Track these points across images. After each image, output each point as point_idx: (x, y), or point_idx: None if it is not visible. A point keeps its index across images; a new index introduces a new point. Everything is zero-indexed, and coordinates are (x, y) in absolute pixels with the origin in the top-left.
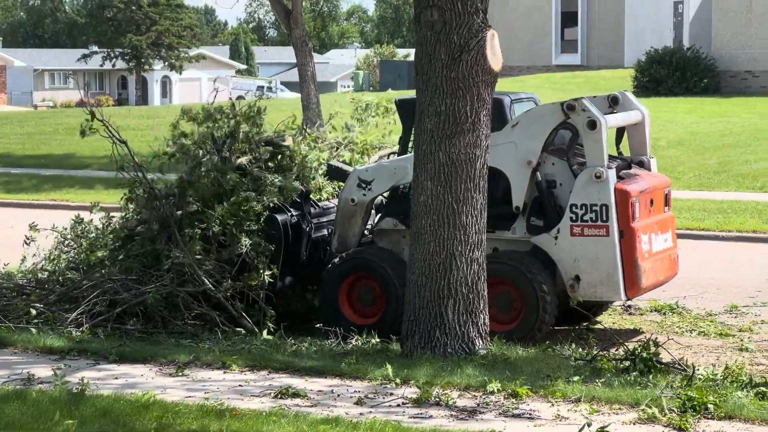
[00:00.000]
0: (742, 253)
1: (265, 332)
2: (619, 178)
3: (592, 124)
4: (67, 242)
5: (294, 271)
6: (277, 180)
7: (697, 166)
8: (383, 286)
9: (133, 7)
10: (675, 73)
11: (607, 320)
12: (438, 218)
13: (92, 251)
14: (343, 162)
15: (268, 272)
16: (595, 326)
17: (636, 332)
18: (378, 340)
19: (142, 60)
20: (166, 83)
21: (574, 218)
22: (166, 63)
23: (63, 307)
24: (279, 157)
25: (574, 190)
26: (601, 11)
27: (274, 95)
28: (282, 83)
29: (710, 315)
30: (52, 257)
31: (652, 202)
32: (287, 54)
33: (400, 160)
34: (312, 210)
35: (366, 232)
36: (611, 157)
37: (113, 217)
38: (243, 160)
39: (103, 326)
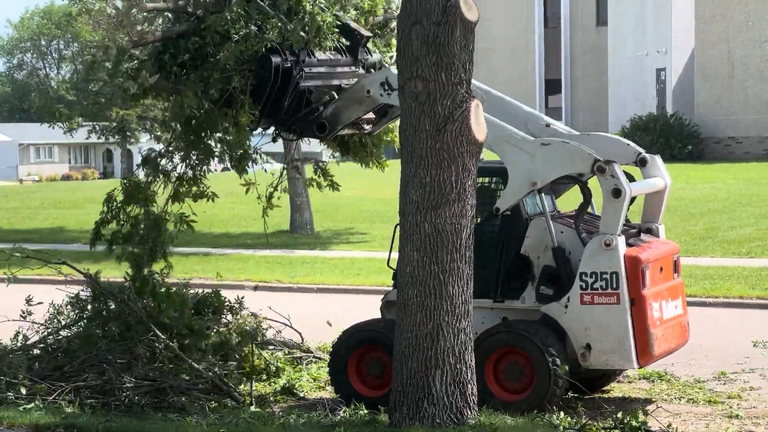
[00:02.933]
0: (729, 319)
1: (252, 405)
2: (629, 245)
3: (617, 193)
4: (61, 317)
5: (275, 115)
6: (279, 22)
7: (683, 232)
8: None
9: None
10: (659, 139)
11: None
12: (424, 289)
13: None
14: None
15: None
16: (599, 395)
17: (625, 400)
18: (366, 411)
19: (128, 133)
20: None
21: (584, 286)
22: (152, 136)
23: (52, 382)
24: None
25: (584, 258)
26: (584, 78)
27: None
28: (266, 154)
29: (699, 382)
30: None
31: (661, 269)
32: None
33: None
34: (309, 59)
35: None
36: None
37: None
38: None
39: (94, 399)
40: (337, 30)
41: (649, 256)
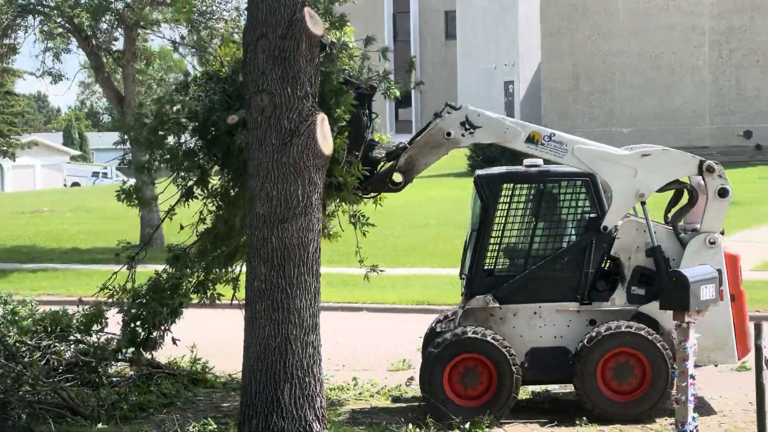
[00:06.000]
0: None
1: (101, 422)
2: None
3: (725, 192)
4: None
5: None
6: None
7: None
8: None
9: None
10: (506, 151)
11: None
12: (272, 303)
13: None
14: None
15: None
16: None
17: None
18: (215, 426)
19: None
20: None
21: None
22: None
23: None
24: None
25: (686, 257)
26: (432, 89)
27: (110, 181)
28: (117, 168)
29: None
30: None
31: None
32: None
33: (513, 122)
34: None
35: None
36: (669, 223)
37: None
38: None
39: None
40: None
41: (737, 255)
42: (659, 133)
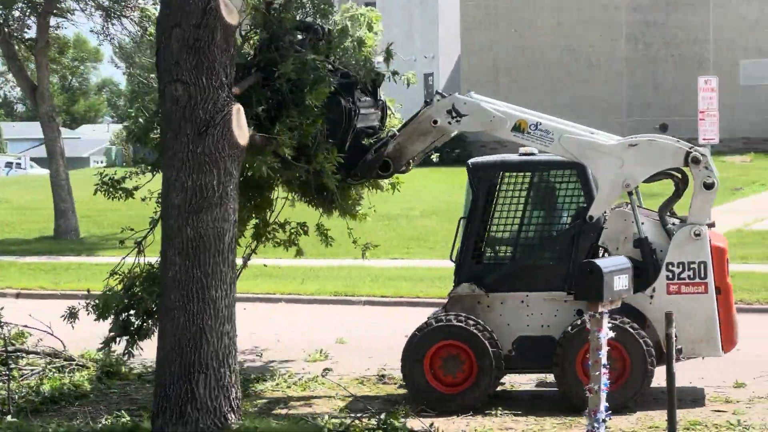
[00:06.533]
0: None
1: (9, 415)
2: None
3: (711, 185)
4: None
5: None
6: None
7: (450, 235)
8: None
9: None
10: None
11: (361, 390)
12: (187, 293)
13: None
14: None
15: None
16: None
17: (392, 402)
18: (128, 418)
19: None
20: None
21: (670, 276)
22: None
23: None
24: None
25: (671, 249)
26: None
27: (24, 171)
28: (32, 159)
29: None
30: None
31: (727, 261)
32: (36, 129)
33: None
34: (361, 100)
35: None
36: (671, 214)
37: None
38: None
39: None
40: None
41: (727, 247)
42: None
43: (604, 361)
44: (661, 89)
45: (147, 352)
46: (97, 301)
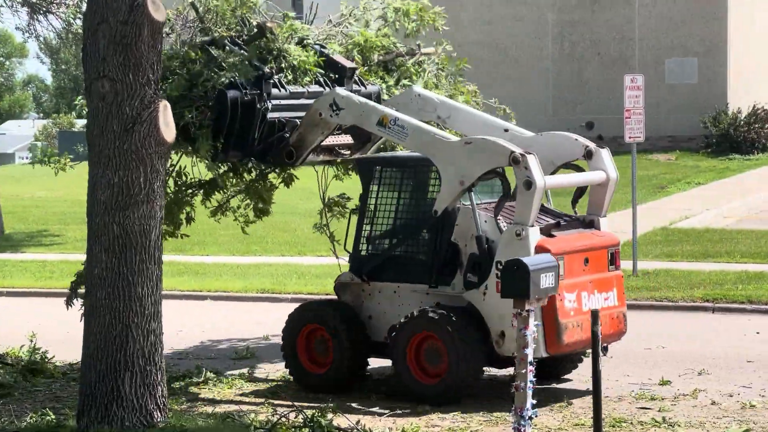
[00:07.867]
0: None
1: None
2: (550, 236)
3: (528, 185)
4: None
5: (243, 147)
6: (236, 59)
7: None
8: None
9: None
10: None
11: (288, 387)
12: (113, 290)
13: None
14: None
15: (209, 143)
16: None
17: (318, 399)
18: (53, 416)
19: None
20: None
21: (499, 275)
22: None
23: None
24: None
25: (499, 248)
26: None
27: None
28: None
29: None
30: None
31: (587, 260)
32: None
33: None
34: (276, 91)
35: None
36: (552, 214)
37: None
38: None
39: None
40: (315, 65)
41: (565, 248)
42: None
43: (530, 358)
44: (588, 88)
45: (73, 350)
46: None
